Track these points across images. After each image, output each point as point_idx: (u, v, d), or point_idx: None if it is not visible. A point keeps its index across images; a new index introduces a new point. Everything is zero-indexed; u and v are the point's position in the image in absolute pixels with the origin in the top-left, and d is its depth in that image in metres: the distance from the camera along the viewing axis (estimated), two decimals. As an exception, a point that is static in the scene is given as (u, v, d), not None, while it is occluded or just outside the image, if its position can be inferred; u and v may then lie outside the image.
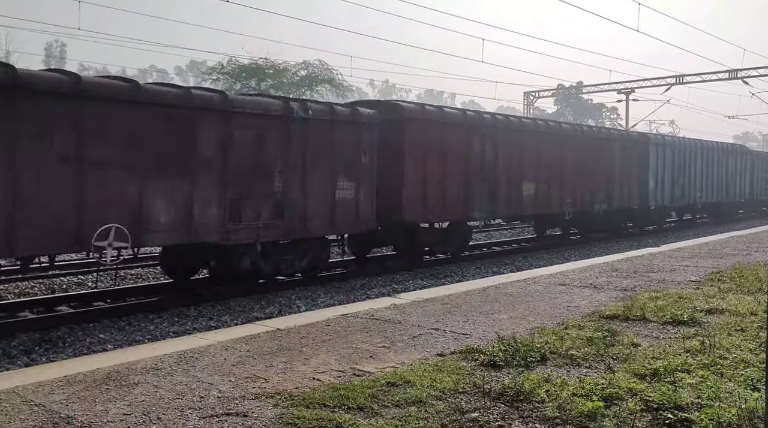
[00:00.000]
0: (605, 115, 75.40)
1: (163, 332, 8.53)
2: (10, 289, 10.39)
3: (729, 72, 36.57)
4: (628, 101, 41.64)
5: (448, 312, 6.43)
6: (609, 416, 3.55)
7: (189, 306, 9.81)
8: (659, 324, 5.87)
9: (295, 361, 4.66)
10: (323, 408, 3.68)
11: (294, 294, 10.87)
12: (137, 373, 4.34)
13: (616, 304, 6.71)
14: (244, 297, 10.51)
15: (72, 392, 3.95)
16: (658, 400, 3.73)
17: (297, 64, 38.68)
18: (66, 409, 3.66)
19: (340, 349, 5.00)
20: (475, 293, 7.57)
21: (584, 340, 5.17)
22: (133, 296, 10.23)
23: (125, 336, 8.31)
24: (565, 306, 6.81)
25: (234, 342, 5.18)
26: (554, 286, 8.10)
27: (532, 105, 44.21)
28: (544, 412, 3.64)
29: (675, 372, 4.27)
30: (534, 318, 6.16)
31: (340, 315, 6.28)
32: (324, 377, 4.28)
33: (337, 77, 38.87)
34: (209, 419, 3.53)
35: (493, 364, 4.52)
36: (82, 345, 7.87)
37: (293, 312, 9.39)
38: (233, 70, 37.00)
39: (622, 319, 6.03)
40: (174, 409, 3.67)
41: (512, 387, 3.98)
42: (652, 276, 9.03)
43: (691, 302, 6.81)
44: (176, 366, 4.52)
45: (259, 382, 4.17)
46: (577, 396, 3.82)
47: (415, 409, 3.68)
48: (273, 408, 3.70)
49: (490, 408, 3.71)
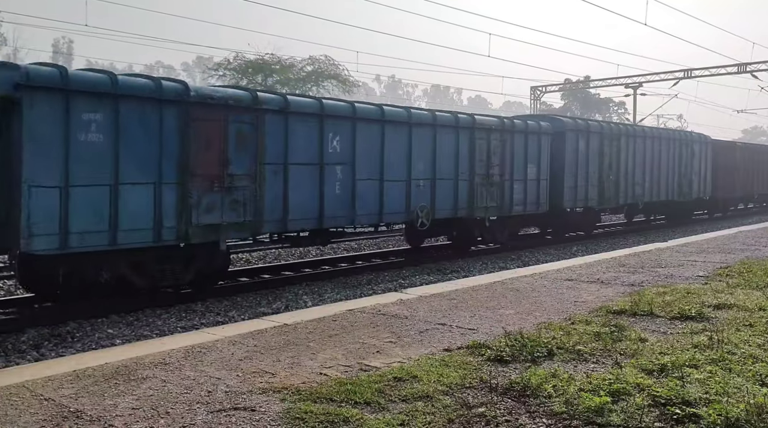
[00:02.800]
0: (613, 110, 75.04)
1: (170, 327, 8.57)
2: (18, 285, 10.45)
3: (738, 66, 36.30)
4: (636, 96, 41.45)
5: (454, 308, 6.43)
6: (616, 411, 3.54)
7: (196, 301, 9.86)
8: (667, 320, 5.85)
9: (302, 356, 4.67)
10: (330, 403, 3.69)
11: (301, 290, 10.89)
12: (145, 368, 4.36)
13: (623, 299, 6.69)
14: (250, 293, 10.55)
15: (81, 386, 3.98)
16: (666, 395, 3.72)
17: (303, 60, 38.66)
18: (75, 403, 3.69)
19: (347, 344, 5.01)
20: (481, 288, 7.57)
21: (591, 335, 5.16)
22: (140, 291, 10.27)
23: (133, 331, 8.35)
24: (572, 301, 6.80)
25: (241, 337, 5.20)
26: (561, 281, 8.08)
27: (539, 100, 44.04)
28: (551, 407, 3.64)
29: (683, 367, 4.25)
30: (541, 314, 6.15)
31: (347, 310, 6.29)
32: (331, 372, 4.30)
33: (344, 73, 38.82)
34: (217, 413, 3.55)
35: (500, 359, 4.52)
36: (91, 340, 7.93)
37: (300, 307, 9.41)
38: (239, 66, 36.99)
39: (629, 314, 6.02)
40: (182, 403, 3.69)
41: (519, 382, 3.98)
42: (659, 271, 9.00)
43: (699, 297, 6.78)
44: (184, 360, 4.54)
45: (266, 377, 4.18)
46: (584, 391, 3.82)
47: (421, 404, 3.69)
48: (280, 402, 3.72)
49: (497, 403, 3.71)
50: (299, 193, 10.80)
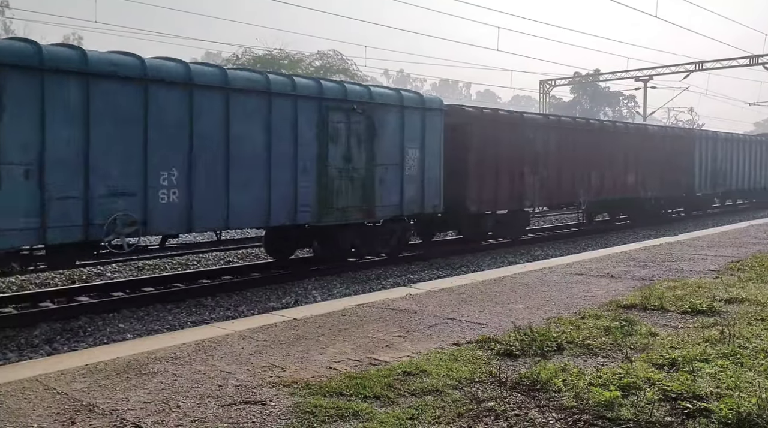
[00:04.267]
0: (623, 103, 74.47)
1: (181, 322, 8.63)
2: (31, 279, 10.55)
3: (750, 58, 35.93)
4: (646, 89, 41.11)
5: (463, 302, 6.43)
6: (626, 405, 3.53)
7: (206, 296, 9.91)
8: (677, 314, 5.81)
9: (311, 350, 4.69)
10: (340, 397, 3.70)
11: (310, 285, 10.92)
12: (156, 362, 4.39)
13: (633, 294, 6.65)
14: (260, 288, 10.59)
15: (93, 380, 4.02)
16: (677, 390, 3.70)
17: (311, 55, 38.67)
18: (88, 397, 3.72)
19: (356, 339, 5.02)
20: (490, 283, 7.55)
21: (601, 330, 5.14)
22: (151, 286, 10.35)
23: (144, 325, 8.41)
24: (581, 295, 6.77)
25: (251, 332, 5.22)
26: (571, 276, 8.05)
27: (548, 93, 43.79)
28: (561, 401, 3.64)
29: (694, 361, 4.23)
30: (550, 308, 6.14)
31: (356, 305, 6.30)
32: (340, 366, 4.31)
33: (352, 67, 38.81)
34: (227, 407, 3.57)
35: (510, 354, 4.52)
36: (103, 334, 7.99)
37: (309, 302, 9.44)
38: (248, 61, 37.06)
39: (639, 309, 5.99)
40: (193, 397, 3.72)
41: (529, 376, 3.98)
42: (670, 265, 8.94)
43: (710, 291, 6.73)
44: (194, 355, 4.57)
45: (276, 371, 4.20)
46: (594, 385, 3.81)
47: (431, 398, 3.69)
48: (290, 396, 3.73)
49: (507, 397, 3.71)
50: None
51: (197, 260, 12.90)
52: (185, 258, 12.89)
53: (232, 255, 13.66)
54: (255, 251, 14.16)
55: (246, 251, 14.04)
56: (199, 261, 12.81)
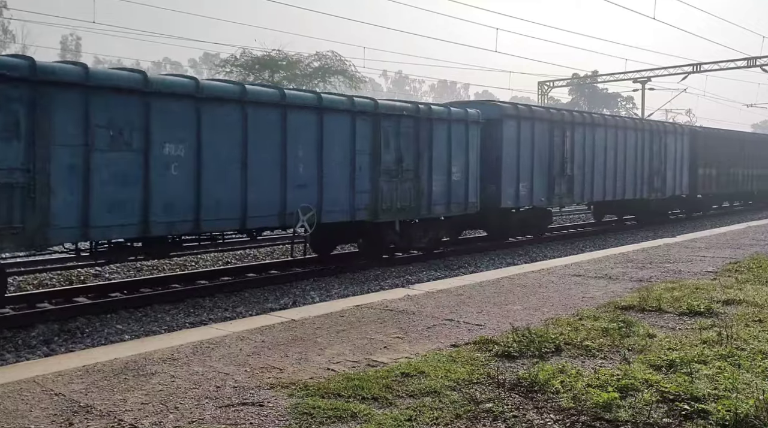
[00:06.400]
0: (621, 105, 74.61)
1: (178, 323, 8.62)
2: (29, 280, 10.54)
3: (747, 60, 36.03)
4: (644, 90, 41.18)
5: (461, 303, 6.43)
6: (624, 407, 3.54)
7: (204, 297, 9.90)
8: (675, 315, 5.82)
9: (309, 352, 4.69)
10: (338, 398, 3.70)
11: (308, 285, 10.92)
12: (154, 363, 4.39)
13: (631, 295, 6.66)
14: (258, 288, 10.59)
15: (91, 381, 4.01)
16: (675, 391, 3.70)
17: (310, 56, 38.66)
18: (85, 398, 3.71)
19: (354, 340, 5.02)
20: (488, 284, 7.56)
21: (599, 331, 5.14)
22: (149, 287, 10.34)
23: (142, 326, 8.40)
24: (579, 297, 6.78)
25: (249, 333, 5.22)
26: (569, 277, 8.06)
27: (546, 95, 43.85)
28: (559, 403, 3.64)
29: (691, 363, 4.24)
30: (548, 309, 6.14)
31: (354, 306, 6.30)
32: (338, 367, 4.31)
33: (350, 68, 38.79)
34: (225, 408, 3.57)
35: (508, 355, 4.52)
36: (100, 335, 7.98)
37: (307, 303, 9.43)
38: (246, 62, 37.04)
39: (637, 310, 5.99)
40: (191, 399, 3.71)
41: (527, 377, 3.98)
42: (668, 266, 8.96)
43: (708, 293, 6.74)
44: (192, 356, 4.57)
45: (274, 372, 4.20)
46: (592, 387, 3.81)
47: (429, 399, 3.69)
48: (288, 397, 3.73)
49: (505, 398, 3.71)
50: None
51: (195, 261, 12.90)
52: (183, 258, 12.89)
53: (230, 256, 13.67)
54: (253, 252, 14.16)
55: (244, 252, 14.05)
56: (197, 262, 12.82)
